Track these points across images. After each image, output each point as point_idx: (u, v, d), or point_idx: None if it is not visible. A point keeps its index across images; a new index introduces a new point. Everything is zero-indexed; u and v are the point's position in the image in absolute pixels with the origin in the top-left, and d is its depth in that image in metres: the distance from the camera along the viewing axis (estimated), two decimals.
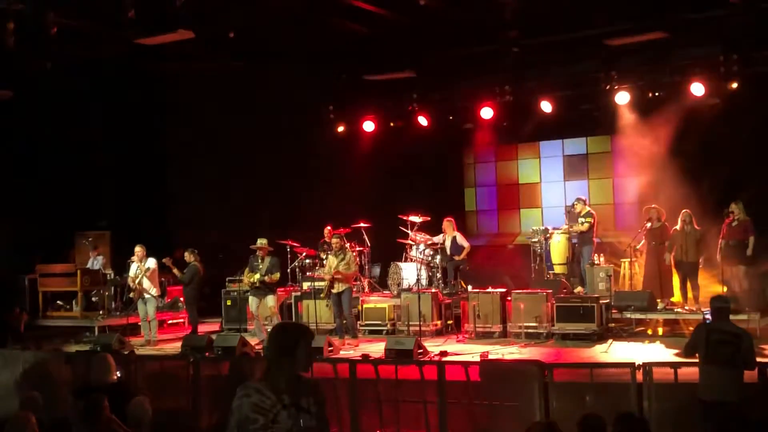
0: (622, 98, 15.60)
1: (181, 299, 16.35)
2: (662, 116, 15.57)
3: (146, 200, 19.11)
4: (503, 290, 14.17)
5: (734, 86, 14.58)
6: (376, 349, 12.21)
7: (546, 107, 16.44)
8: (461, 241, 16.11)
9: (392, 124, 18.32)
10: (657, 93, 15.34)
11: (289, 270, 16.68)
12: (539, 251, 15.94)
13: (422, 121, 17.73)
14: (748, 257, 13.24)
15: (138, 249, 14.84)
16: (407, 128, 18.07)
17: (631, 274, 15.15)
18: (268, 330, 10.87)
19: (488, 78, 16.66)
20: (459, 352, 12.17)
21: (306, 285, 15.58)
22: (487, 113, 16.92)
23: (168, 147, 19.82)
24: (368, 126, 18.39)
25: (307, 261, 16.73)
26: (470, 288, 14.82)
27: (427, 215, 16.39)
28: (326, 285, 13.84)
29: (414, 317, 13.94)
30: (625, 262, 15.24)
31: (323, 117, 18.47)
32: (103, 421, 7.20)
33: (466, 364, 9.70)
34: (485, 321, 13.83)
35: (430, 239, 16.23)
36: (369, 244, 16.98)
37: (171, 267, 15.01)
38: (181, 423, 10.03)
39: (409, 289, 15.02)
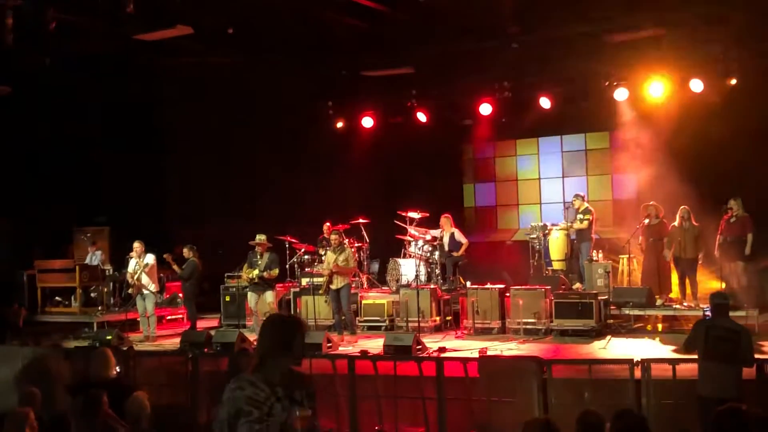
0: (621, 94, 15.61)
1: (180, 295, 16.35)
2: (661, 113, 15.59)
3: (145, 196, 19.11)
4: (502, 286, 14.19)
5: (733, 82, 14.60)
6: (375, 345, 12.23)
7: (545, 103, 16.46)
8: (459, 237, 16.11)
9: (391, 120, 18.32)
10: (656, 89, 15.32)
11: (288, 266, 16.69)
12: (538, 247, 15.94)
13: (421, 117, 17.73)
14: (747, 255, 13.26)
15: (136, 245, 14.84)
16: (406, 124, 18.07)
17: (630, 271, 15.19)
18: None
19: (487, 74, 16.63)
20: (457, 348, 12.21)
21: (305, 281, 15.58)
22: (486, 109, 16.92)
23: (166, 143, 19.80)
24: (367, 122, 18.39)
25: (306, 257, 16.74)
26: (469, 284, 14.83)
27: (426, 211, 16.39)
28: (325, 281, 13.85)
29: (413, 313, 13.97)
30: (624, 259, 15.27)
31: (322, 113, 18.46)
32: (102, 417, 7.20)
33: (465, 360, 9.69)
34: (484, 317, 13.84)
35: (428, 232, 16.25)
36: (368, 240, 16.98)
37: (171, 263, 15.02)
38: (180, 419, 10.00)
39: (408, 285, 15.04)
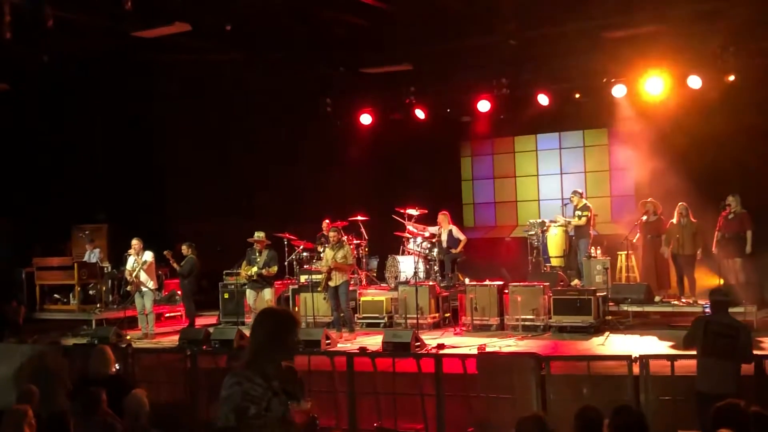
0: (619, 91, 15.60)
1: (179, 292, 16.35)
2: (659, 109, 15.59)
3: (143, 193, 19.09)
4: (500, 283, 14.19)
5: (731, 79, 14.58)
6: (374, 342, 12.22)
7: (543, 100, 16.43)
8: (457, 234, 16.11)
9: (390, 117, 18.29)
10: (654, 86, 15.31)
11: (287, 263, 16.68)
12: (536, 244, 15.94)
13: (419, 114, 17.71)
14: (748, 253, 13.27)
15: (135, 242, 14.83)
16: (404, 121, 18.05)
17: (628, 267, 15.19)
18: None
19: (485, 71, 16.61)
20: (456, 345, 12.20)
21: (303, 278, 15.60)
22: (484, 106, 16.90)
23: (165, 140, 19.79)
24: (365, 119, 18.37)
25: (305, 254, 16.73)
26: (467, 281, 14.83)
27: (425, 208, 16.40)
28: (323, 278, 13.85)
29: (411, 310, 13.97)
30: (622, 255, 15.27)
31: (320, 110, 18.44)
32: (101, 415, 7.21)
33: (464, 357, 9.70)
34: (482, 314, 13.83)
35: (426, 229, 16.24)
36: (366, 237, 16.97)
37: (170, 259, 15.03)
38: (179, 416, 10.02)
39: (407, 282, 15.06)
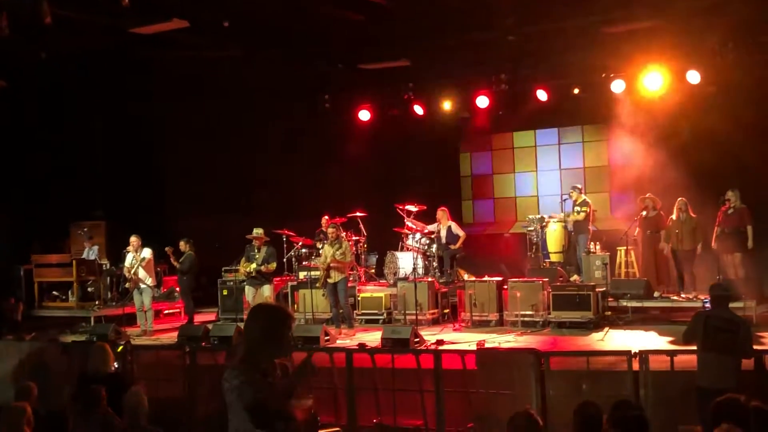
0: (618, 86, 15.58)
1: (177, 289, 16.34)
2: (658, 104, 15.56)
3: (141, 190, 19.07)
4: (499, 279, 14.19)
5: (730, 74, 14.54)
6: (373, 339, 12.21)
7: (542, 96, 16.42)
8: (456, 230, 16.10)
9: (388, 113, 18.26)
10: (653, 81, 15.29)
11: (286, 259, 16.66)
12: (535, 240, 15.93)
13: (418, 110, 17.69)
14: (748, 248, 13.26)
15: (133, 239, 14.82)
16: (403, 117, 18.02)
17: (627, 262, 15.17)
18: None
19: (484, 67, 16.61)
20: (455, 341, 12.20)
21: (302, 274, 15.59)
22: (483, 102, 16.89)
23: (163, 137, 19.77)
24: (364, 115, 18.34)
25: (304, 250, 16.71)
26: (466, 277, 14.82)
27: (423, 204, 16.36)
28: (322, 275, 13.83)
29: (410, 306, 13.95)
30: (621, 251, 15.25)
31: (319, 106, 18.41)
32: (101, 412, 7.20)
33: (463, 353, 9.67)
34: (482, 310, 13.83)
35: (425, 227, 16.22)
36: (365, 234, 16.94)
37: (170, 256, 15.03)
38: (178, 412, 10.02)
39: (406, 278, 15.05)
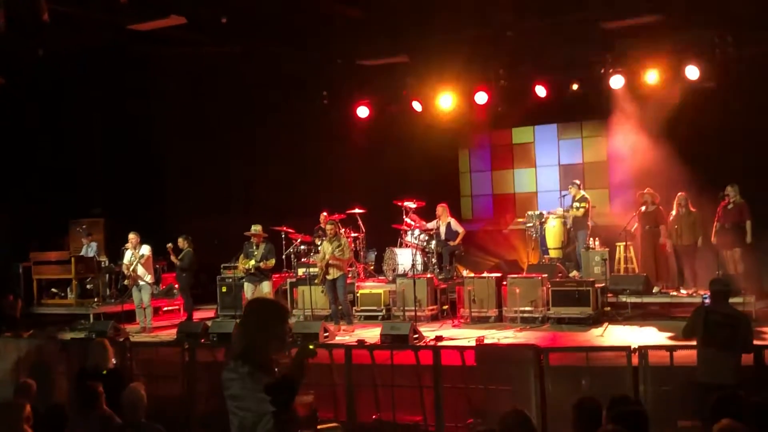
0: (617, 82, 15.56)
1: (176, 286, 16.32)
2: (657, 100, 15.55)
3: (140, 187, 19.04)
4: (498, 275, 14.18)
5: (729, 69, 14.53)
6: (372, 335, 12.21)
7: (540, 91, 16.40)
8: (456, 227, 16.09)
9: (387, 110, 18.24)
10: (652, 76, 15.27)
11: (285, 256, 16.65)
12: (534, 236, 15.92)
13: (416, 107, 17.67)
14: (748, 243, 13.26)
15: (132, 236, 14.82)
16: (402, 113, 18.00)
17: (627, 258, 15.15)
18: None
19: (482, 62, 16.57)
20: (454, 337, 12.21)
21: (301, 271, 15.57)
22: (482, 98, 16.85)
23: (162, 134, 19.73)
24: (362, 111, 18.29)
25: (303, 247, 16.69)
26: (465, 273, 14.81)
27: (422, 200, 16.35)
28: (320, 272, 13.82)
29: (409, 302, 13.95)
30: (621, 246, 15.24)
31: (317, 102, 18.38)
32: (99, 409, 7.19)
33: (462, 349, 9.67)
34: (481, 306, 13.82)
35: (424, 225, 16.20)
36: (364, 230, 16.92)
37: (170, 252, 15.03)
38: (177, 409, 10.01)
39: (405, 275, 15.03)
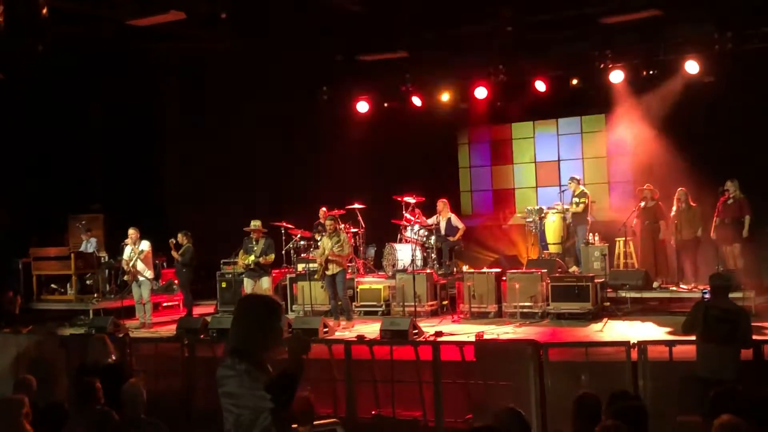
0: (617, 77, 15.54)
1: (176, 281, 16.32)
2: (657, 94, 15.55)
3: (139, 183, 19.04)
4: (498, 270, 14.17)
5: (728, 64, 14.52)
6: (372, 330, 12.22)
7: (540, 86, 16.38)
8: (456, 222, 16.09)
9: (386, 105, 18.22)
10: (651, 71, 15.27)
11: (284, 252, 16.64)
12: (534, 231, 15.92)
13: (416, 102, 17.66)
14: (744, 237, 13.26)
15: (132, 231, 14.80)
16: (401, 109, 17.98)
17: (626, 253, 15.15)
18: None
19: (482, 58, 16.56)
20: (454, 333, 12.21)
21: (301, 266, 15.56)
22: (481, 93, 16.84)
23: (161, 129, 19.72)
24: (362, 107, 18.29)
25: (302, 242, 16.67)
26: (465, 268, 14.80)
27: (422, 196, 16.34)
28: (320, 267, 13.81)
29: (409, 298, 13.95)
30: (620, 241, 15.24)
31: (317, 98, 18.37)
32: (97, 406, 7.18)
33: (461, 344, 9.68)
34: (480, 301, 13.82)
35: (424, 222, 16.18)
36: (363, 225, 16.91)
37: (172, 247, 15.03)
38: (176, 405, 10.02)
39: (404, 270, 15.04)
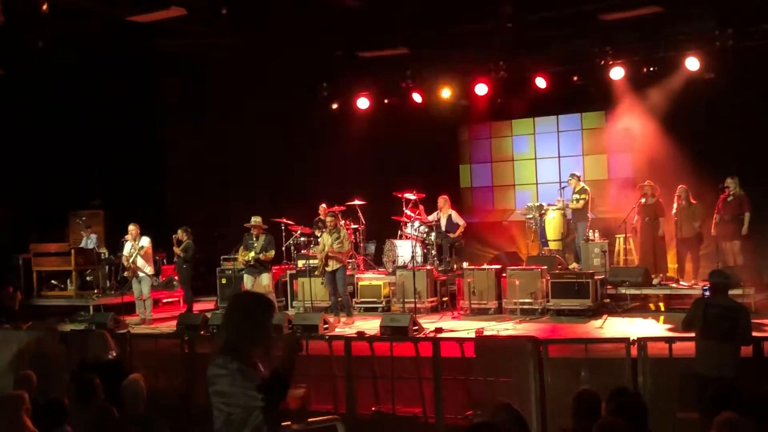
0: (617, 74, 15.53)
1: (176, 278, 16.32)
2: (657, 91, 15.55)
3: (140, 179, 19.03)
4: (498, 267, 14.17)
5: (729, 61, 14.51)
6: (371, 327, 12.23)
7: (540, 83, 16.38)
8: (456, 219, 16.09)
9: (386, 101, 18.22)
10: (652, 68, 15.26)
11: (284, 248, 16.64)
12: (534, 227, 15.92)
13: (416, 98, 17.65)
14: (743, 234, 13.25)
15: (132, 228, 14.81)
16: (401, 105, 17.97)
17: (626, 250, 15.16)
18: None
19: (482, 54, 16.55)
20: (454, 329, 12.21)
21: (301, 263, 15.56)
22: (482, 89, 16.84)
23: (162, 125, 19.71)
24: (362, 103, 18.29)
25: (302, 239, 16.68)
26: (465, 265, 14.81)
27: (422, 192, 16.32)
28: (320, 263, 13.81)
29: (409, 294, 13.95)
30: (620, 238, 15.24)
31: (317, 94, 18.36)
32: (97, 402, 7.18)
33: (462, 341, 9.68)
34: (480, 298, 13.83)
35: (425, 218, 16.17)
36: (364, 222, 16.91)
37: (174, 243, 15.03)
38: (176, 401, 10.02)
39: (404, 267, 15.02)
